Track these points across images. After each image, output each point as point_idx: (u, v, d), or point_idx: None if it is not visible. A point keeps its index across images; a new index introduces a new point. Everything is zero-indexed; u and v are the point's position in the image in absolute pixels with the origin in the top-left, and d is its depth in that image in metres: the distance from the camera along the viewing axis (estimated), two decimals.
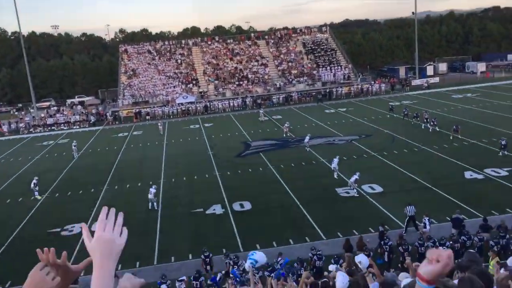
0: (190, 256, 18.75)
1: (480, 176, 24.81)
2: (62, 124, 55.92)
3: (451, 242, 16.07)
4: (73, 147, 39.03)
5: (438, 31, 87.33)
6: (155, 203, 24.49)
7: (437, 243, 15.62)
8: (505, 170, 25.21)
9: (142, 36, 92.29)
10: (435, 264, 1.97)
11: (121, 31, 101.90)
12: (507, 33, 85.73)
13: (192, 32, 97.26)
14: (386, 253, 16.37)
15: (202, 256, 16.97)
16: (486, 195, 22.26)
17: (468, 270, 4.59)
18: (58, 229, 22.80)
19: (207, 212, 23.46)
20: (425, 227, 18.18)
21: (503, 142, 28.11)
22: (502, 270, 5.65)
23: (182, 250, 19.43)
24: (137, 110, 57.33)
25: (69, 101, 72.88)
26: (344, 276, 6.99)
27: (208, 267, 16.78)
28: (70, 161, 37.03)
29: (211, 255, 17.07)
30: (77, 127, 55.12)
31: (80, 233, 22.04)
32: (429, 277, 2.01)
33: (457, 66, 76.51)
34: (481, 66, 70.59)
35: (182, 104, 58.26)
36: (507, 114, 39.61)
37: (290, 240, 19.30)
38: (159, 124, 47.25)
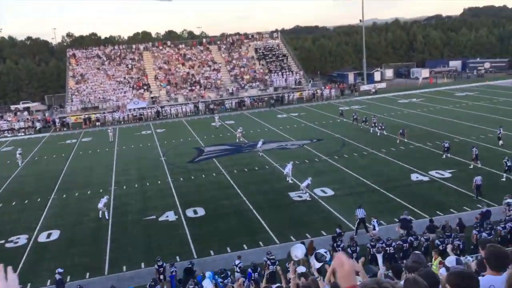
0: (143, 265, 18.43)
1: (426, 178, 25.82)
2: (6, 131, 53.62)
3: (398, 242, 16.63)
4: (17, 155, 37.52)
5: (385, 38, 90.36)
6: (106, 212, 23.89)
7: (384, 244, 16.11)
8: (448, 172, 26.39)
9: (91, 41, 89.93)
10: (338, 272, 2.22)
11: (69, 35, 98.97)
12: (448, 41, 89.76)
13: (143, 37, 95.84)
14: None
15: (156, 266, 16.69)
16: (431, 196, 23.20)
17: (416, 271, 4.80)
18: (2, 241, 21.84)
19: (160, 219, 23.16)
20: (374, 228, 18.72)
21: (446, 145, 29.38)
22: (443, 270, 5.94)
23: (135, 259, 19.06)
24: (86, 116, 55.80)
25: (13, 107, 69.90)
26: (302, 247, 7.41)
27: (162, 277, 16.53)
28: (14, 170, 35.55)
29: (164, 264, 16.83)
30: (22, 134, 52.97)
31: (26, 245, 21.22)
32: (343, 282, 2.19)
33: (402, 72, 79.31)
34: (425, 72, 73.46)
35: (133, 109, 57.26)
36: (449, 118, 41.48)
37: (244, 245, 19.35)
38: (109, 130, 46.15)
